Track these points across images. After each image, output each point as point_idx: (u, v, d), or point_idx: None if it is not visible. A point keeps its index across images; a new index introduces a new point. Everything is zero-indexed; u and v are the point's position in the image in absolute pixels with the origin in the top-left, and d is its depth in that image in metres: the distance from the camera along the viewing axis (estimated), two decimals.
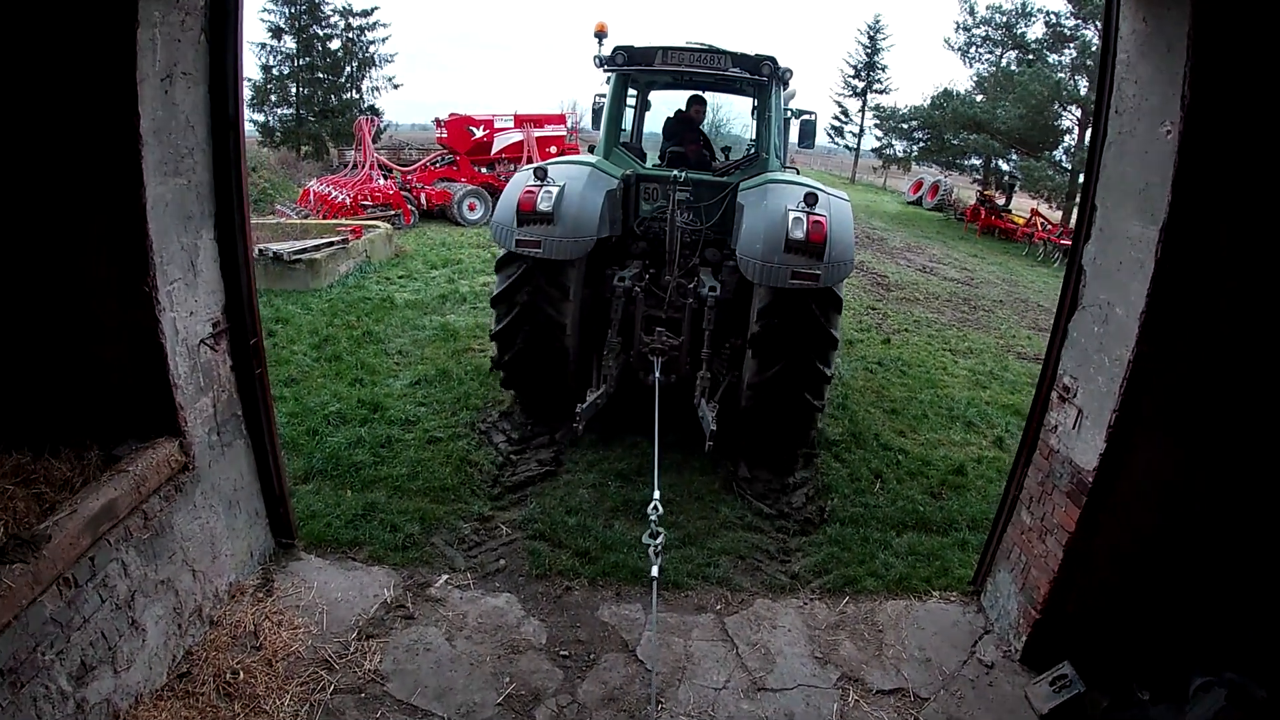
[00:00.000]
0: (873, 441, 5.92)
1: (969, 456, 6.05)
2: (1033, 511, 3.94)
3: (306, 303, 8.76)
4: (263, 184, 19.07)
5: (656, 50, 5.79)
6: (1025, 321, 11.50)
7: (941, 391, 7.35)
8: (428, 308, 8.63)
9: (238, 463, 4.08)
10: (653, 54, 5.78)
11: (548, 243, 5.05)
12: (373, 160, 15.48)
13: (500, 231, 5.24)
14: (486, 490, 4.91)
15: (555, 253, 5.07)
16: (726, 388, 5.49)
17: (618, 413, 5.65)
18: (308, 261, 9.30)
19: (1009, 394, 7.74)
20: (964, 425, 6.69)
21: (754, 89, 6.23)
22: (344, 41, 29.85)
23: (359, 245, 10.32)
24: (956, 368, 8.26)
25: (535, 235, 5.06)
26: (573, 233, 5.09)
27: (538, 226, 5.06)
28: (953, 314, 10.99)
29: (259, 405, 4.10)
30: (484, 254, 11.90)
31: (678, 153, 6.20)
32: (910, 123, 24.88)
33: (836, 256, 4.85)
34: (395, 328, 7.81)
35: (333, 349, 7.14)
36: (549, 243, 5.05)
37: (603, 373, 5.35)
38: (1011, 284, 14.87)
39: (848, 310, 10.10)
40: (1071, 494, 3.60)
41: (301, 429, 5.55)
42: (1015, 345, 9.83)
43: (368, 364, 6.75)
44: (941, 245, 18.93)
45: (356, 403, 5.97)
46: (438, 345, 7.27)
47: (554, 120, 18.85)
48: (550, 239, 5.05)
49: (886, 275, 12.98)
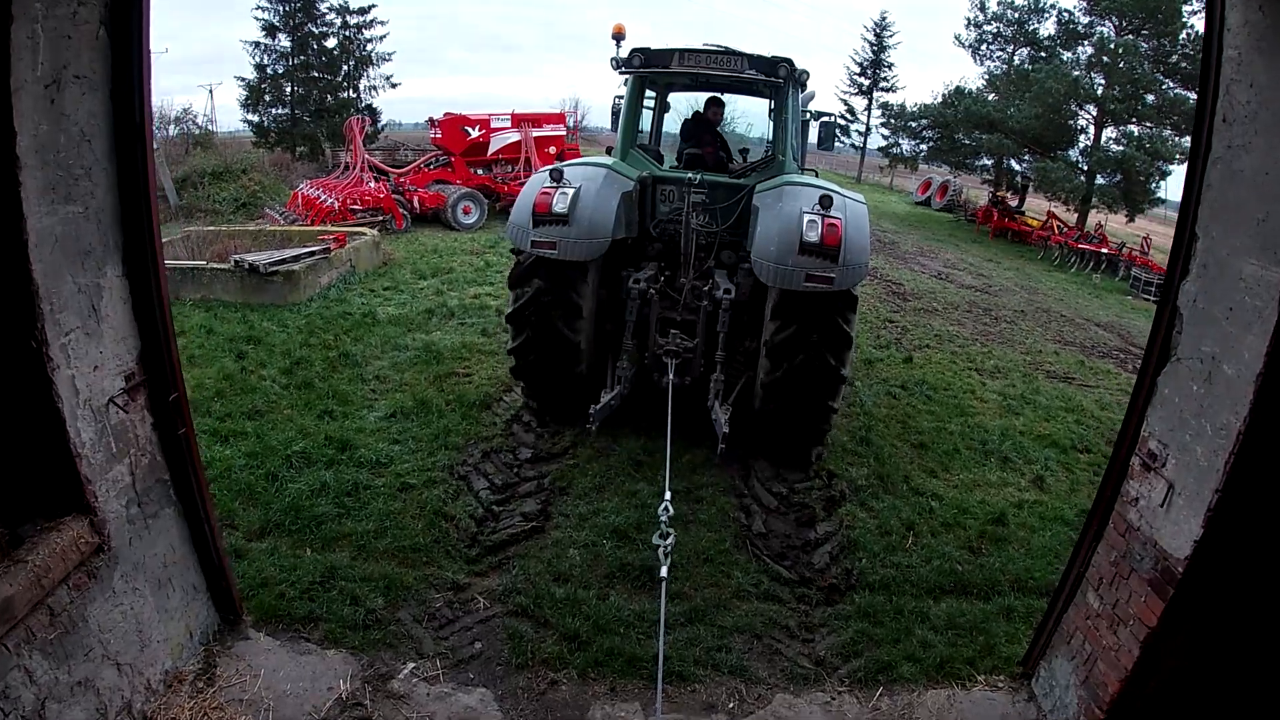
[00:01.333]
0: (902, 485, 5.29)
1: (1008, 500, 5.43)
2: (1102, 595, 3.32)
3: (283, 318, 8.16)
4: (253, 187, 18.50)
5: (673, 52, 5.72)
6: (1050, 334, 10.86)
7: (972, 420, 6.72)
8: (412, 324, 8.01)
9: (167, 534, 3.48)
10: (669, 56, 5.72)
11: (563, 243, 5.09)
12: (363, 162, 14.85)
13: (516, 232, 5.32)
14: (463, 551, 4.29)
15: (570, 253, 5.12)
16: (740, 390, 5.44)
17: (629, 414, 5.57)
18: (285, 273, 8.69)
19: (1043, 421, 7.11)
20: (999, 461, 6.06)
21: (770, 91, 6.12)
22: (341, 40, 29.24)
23: (342, 254, 9.72)
24: (985, 390, 7.62)
25: (551, 236, 5.10)
26: (588, 234, 5.12)
27: (553, 227, 5.10)
28: (974, 326, 10.35)
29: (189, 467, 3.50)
30: (477, 262, 11.30)
31: (694, 154, 6.18)
32: (920, 121, 24.14)
33: (852, 260, 4.81)
34: (375, 348, 7.20)
35: (305, 373, 6.54)
36: (564, 243, 5.09)
37: (617, 374, 5.37)
38: (1030, 291, 14.22)
39: (866, 324, 9.49)
40: (1154, 583, 2.97)
41: (260, 472, 4.95)
42: (1043, 362, 9.19)
43: (340, 392, 6.14)
44: (954, 249, 18.27)
45: (324, 440, 5.36)
46: (419, 369, 6.66)
47: (553, 120, 18.18)
48: (565, 240, 5.09)
49: (902, 283, 12.33)
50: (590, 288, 5.35)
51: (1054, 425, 7.03)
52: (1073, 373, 9.04)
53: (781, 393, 5.11)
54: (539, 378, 5.64)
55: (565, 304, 5.32)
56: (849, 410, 6.39)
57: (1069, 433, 6.93)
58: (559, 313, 5.33)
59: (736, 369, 5.49)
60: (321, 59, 28.79)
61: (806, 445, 5.46)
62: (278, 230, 11.07)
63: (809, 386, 5.06)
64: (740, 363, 5.52)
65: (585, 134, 47.85)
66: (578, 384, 5.54)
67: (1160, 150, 19.53)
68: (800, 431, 5.33)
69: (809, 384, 5.05)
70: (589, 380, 5.52)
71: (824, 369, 4.99)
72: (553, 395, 5.75)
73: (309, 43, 28.20)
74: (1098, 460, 6.42)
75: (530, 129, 16.93)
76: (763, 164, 6.13)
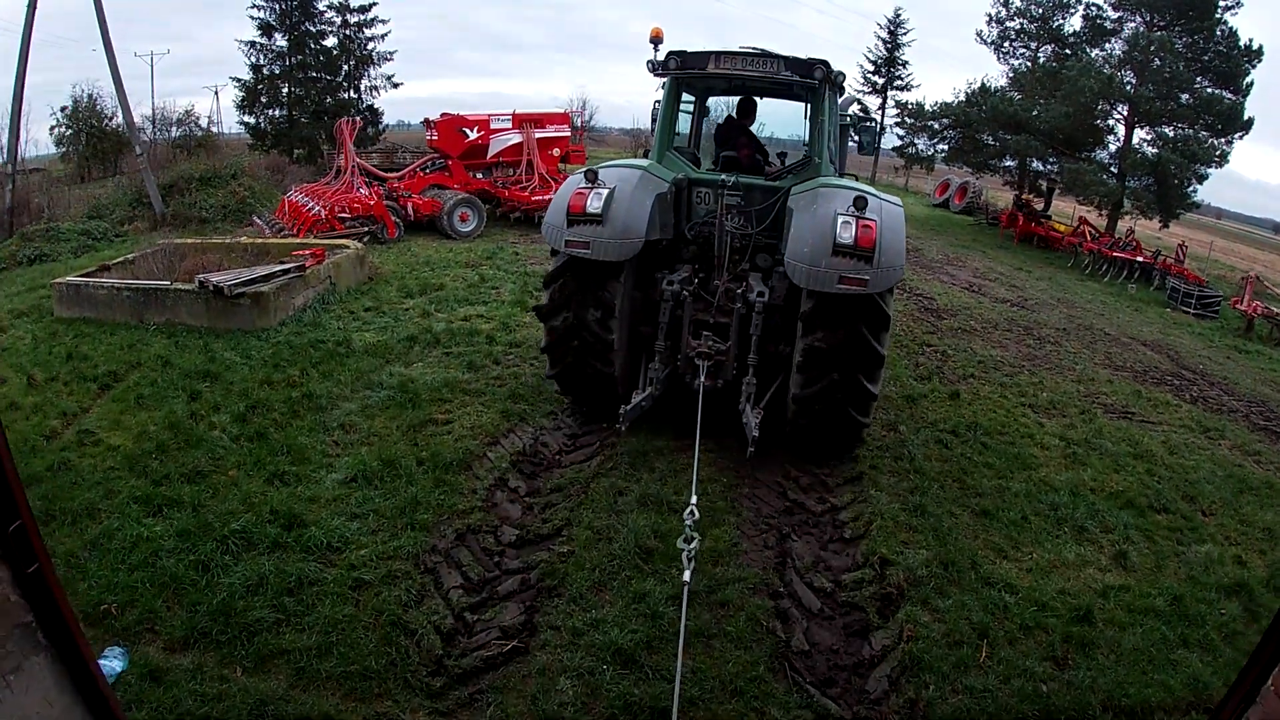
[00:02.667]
0: (969, 573, 4.33)
1: (1090, 587, 4.49)
2: None
3: (248, 348, 7.27)
4: (242, 193, 17.62)
5: (709, 55, 5.70)
6: (1099, 358, 9.86)
7: (1036, 475, 5.76)
8: (391, 354, 7.10)
9: (40, 686, 2.58)
10: (705, 59, 5.70)
11: (596, 243, 5.12)
12: (354, 166, 13.95)
13: (551, 232, 5.37)
14: (424, 681, 3.36)
15: (603, 253, 5.14)
16: (773, 393, 5.42)
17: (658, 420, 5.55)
18: (253, 296, 7.80)
19: (1113, 472, 6.15)
20: (1074, 531, 5.11)
21: (806, 93, 6.08)
22: (341, 39, 28.43)
23: (320, 271, 8.81)
24: (1043, 433, 6.65)
25: (584, 236, 5.14)
26: (621, 234, 5.14)
27: (587, 227, 5.14)
28: (1016, 349, 9.37)
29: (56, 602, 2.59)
30: (471, 276, 10.39)
31: (730, 157, 6.16)
32: (941, 120, 23.07)
33: (886, 262, 4.78)
34: (344, 385, 6.29)
35: (261, 421, 5.64)
36: (597, 244, 5.12)
37: (649, 375, 5.39)
38: (1068, 305, 13.21)
39: (902, 348, 8.55)
40: None
41: (192, 559, 4.06)
42: (1098, 393, 8.21)
43: (297, 447, 5.24)
44: (981, 256, 17.25)
45: (269, 514, 4.45)
46: (391, 415, 5.74)
47: (557, 120, 17.16)
48: (599, 240, 5.12)
49: (934, 297, 11.36)
50: (623, 288, 5.34)
51: (1125, 478, 6.08)
52: (1131, 406, 8.08)
53: (814, 398, 5.07)
54: (573, 378, 5.65)
55: (598, 304, 5.32)
56: (897, 467, 5.45)
57: (1143, 488, 5.98)
58: (592, 313, 5.33)
59: (769, 372, 5.43)
60: (320, 59, 27.98)
61: (840, 450, 5.52)
62: (254, 243, 10.18)
63: (839, 407, 5.03)
64: (773, 366, 5.45)
65: (593, 134, 47.08)
66: (610, 384, 5.54)
67: (1197, 152, 18.44)
68: (833, 436, 5.34)
69: (839, 405, 5.02)
70: (621, 381, 5.52)
71: (856, 376, 4.95)
72: (586, 395, 5.78)
73: (306, 42, 27.38)
74: (1178, 523, 5.53)
75: (533, 130, 15.98)
76: (798, 166, 6.04)
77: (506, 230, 14.83)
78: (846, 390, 4.99)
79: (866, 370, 4.96)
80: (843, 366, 4.94)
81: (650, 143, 6.56)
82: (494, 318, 8.33)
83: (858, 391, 4.99)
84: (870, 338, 4.87)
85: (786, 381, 5.26)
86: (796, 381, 5.06)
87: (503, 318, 8.29)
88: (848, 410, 5.08)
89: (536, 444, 5.42)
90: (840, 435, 5.32)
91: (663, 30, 5.70)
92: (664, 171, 5.76)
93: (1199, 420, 8.09)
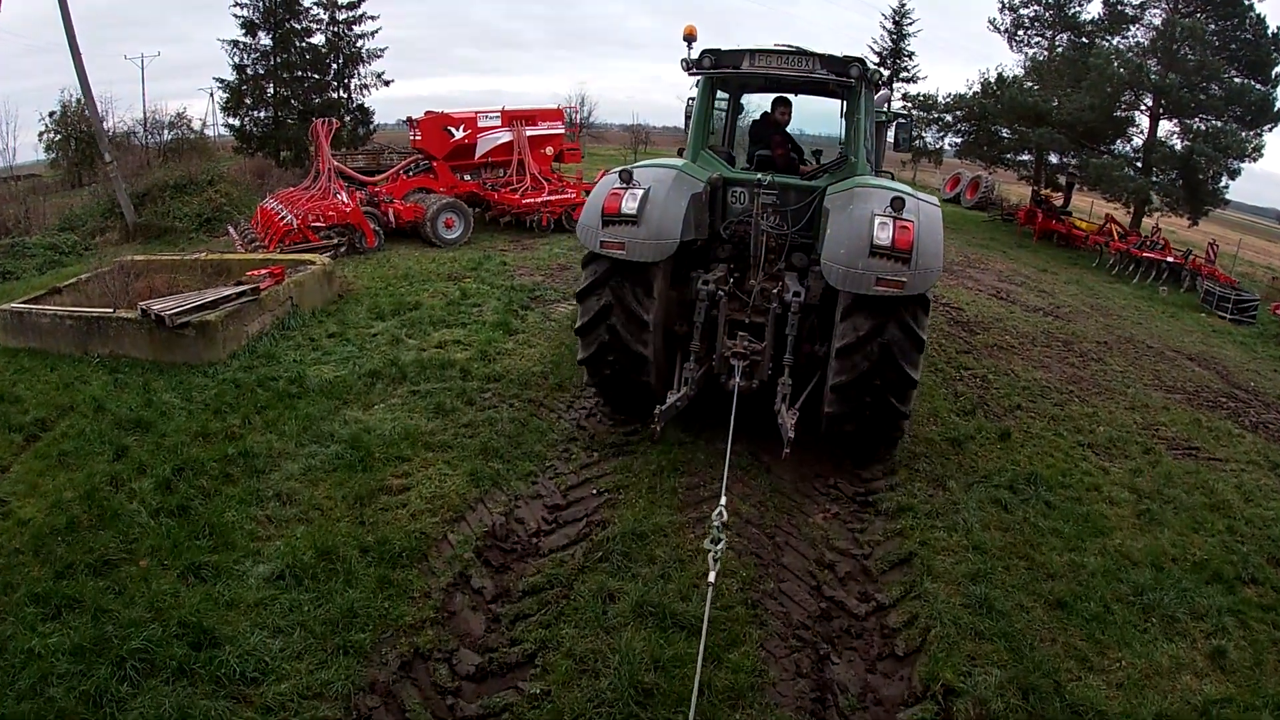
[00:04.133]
0: (1053, 700, 3.38)
1: (1189, 702, 3.59)
2: None
3: (190, 387, 6.35)
4: (219, 200, 16.68)
5: (744, 53, 5.62)
6: (1146, 376, 8.88)
7: (1110, 544, 4.81)
8: (349, 394, 6.15)
9: None
10: (740, 56, 5.63)
11: (631, 244, 5.10)
12: (331, 170, 12.99)
13: (586, 233, 5.34)
14: None
15: (638, 254, 5.12)
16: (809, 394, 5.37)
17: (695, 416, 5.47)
18: (198, 325, 6.86)
19: (1192, 533, 5.23)
20: (1163, 623, 4.17)
21: (843, 91, 5.98)
22: (329, 36, 27.42)
23: (279, 292, 7.86)
24: (1109, 482, 5.69)
25: (619, 237, 5.12)
26: (656, 235, 5.13)
27: (622, 228, 5.13)
28: (1060, 370, 8.39)
29: None
30: (452, 291, 9.42)
31: (765, 156, 6.12)
32: (954, 113, 21.96)
33: (924, 264, 4.72)
34: (289, 438, 5.35)
35: (187, 488, 4.71)
36: (633, 244, 5.10)
37: (684, 375, 5.32)
38: (1103, 313, 12.21)
39: (938, 371, 7.63)
40: None
41: (81, 689, 3.18)
42: (1157, 424, 7.24)
43: (223, 527, 4.31)
44: (1002, 256, 16.22)
45: (178, 626, 3.54)
46: (338, 480, 4.78)
47: (549, 116, 16.03)
48: (634, 240, 5.10)
49: (962, 307, 10.36)
50: (659, 289, 5.31)
51: (1206, 541, 5.15)
52: (1194, 439, 7.12)
53: (851, 400, 5.01)
54: (606, 376, 5.58)
55: (633, 304, 5.26)
56: (951, 543, 4.49)
57: (1226, 553, 5.05)
58: (626, 312, 5.27)
59: (804, 373, 5.39)
60: (306, 57, 26.97)
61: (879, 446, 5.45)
62: (214, 260, 9.24)
63: (879, 396, 4.95)
64: (808, 367, 5.43)
65: (593, 131, 45.85)
66: (645, 383, 5.50)
67: (1229, 145, 17.35)
68: (872, 430, 5.25)
69: (879, 393, 4.94)
70: (656, 380, 5.48)
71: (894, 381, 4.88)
72: (620, 394, 5.74)
73: (292, 40, 26.36)
74: (1270, 599, 4.64)
75: (523, 127, 14.95)
76: (834, 165, 5.95)
77: (495, 236, 13.86)
78: (886, 377, 4.88)
79: (907, 355, 4.85)
80: (883, 351, 4.84)
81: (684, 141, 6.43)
82: (472, 344, 7.38)
83: (898, 378, 4.88)
84: (911, 321, 4.80)
85: (822, 381, 5.24)
86: (835, 369, 4.98)
87: (482, 344, 7.33)
88: (888, 399, 4.96)
89: (509, 520, 4.47)
90: (879, 428, 5.22)
91: (695, 28, 5.55)
92: (699, 171, 5.69)
93: (1265, 453, 7.15)
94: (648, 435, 5.31)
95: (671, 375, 5.54)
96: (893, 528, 4.62)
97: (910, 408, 5.17)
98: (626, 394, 5.71)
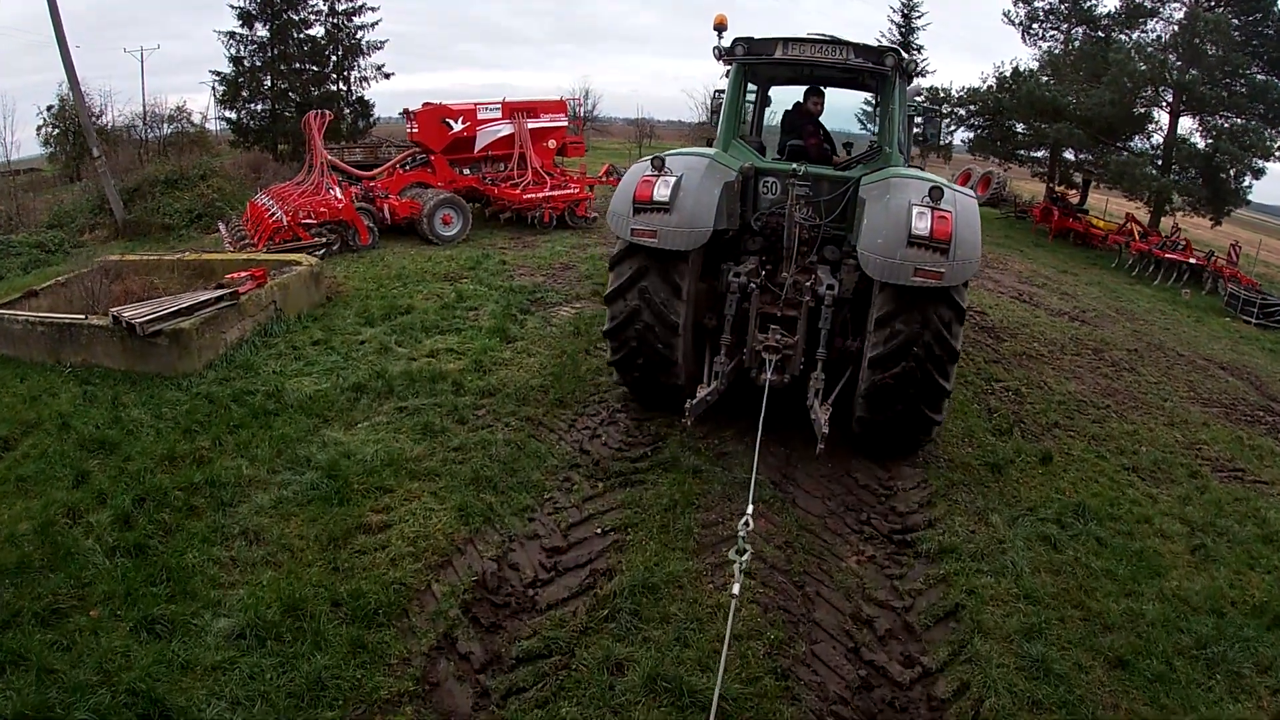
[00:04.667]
0: None
1: None
2: None
3: (161, 402, 5.89)
4: (210, 195, 16.17)
5: (777, 42, 5.57)
6: (1181, 388, 8.36)
7: (1168, 586, 4.33)
8: (330, 411, 5.67)
9: None
10: (773, 45, 5.58)
11: (663, 232, 5.01)
12: (323, 164, 12.47)
13: (617, 220, 5.27)
14: None
15: (671, 243, 5.03)
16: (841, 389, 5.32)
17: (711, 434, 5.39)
18: (171, 334, 6.39)
19: (1247, 568, 4.79)
20: (1228, 680, 3.72)
21: (877, 81, 5.91)
22: (328, 28, 26.88)
23: (261, 296, 7.38)
24: (1158, 512, 5.20)
25: (651, 225, 5.04)
26: (689, 223, 5.04)
27: (654, 216, 5.05)
28: (1093, 380, 7.88)
29: None
30: (448, 293, 8.93)
31: (797, 146, 6.05)
32: (968, 107, 21.33)
33: (962, 255, 4.67)
34: (262, 463, 4.87)
35: (146, 525, 4.24)
36: (665, 232, 5.01)
37: (714, 369, 5.21)
38: (1129, 317, 11.68)
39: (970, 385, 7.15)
40: None
41: None
42: (1199, 444, 6.73)
43: (182, 571, 3.84)
44: (1019, 256, 15.67)
45: (127, 693, 3.09)
46: (311, 514, 4.29)
47: (552, 108, 15.45)
48: (666, 229, 5.02)
49: (986, 311, 9.84)
50: (688, 290, 5.24)
51: (1262, 580, 4.68)
52: (1238, 460, 6.62)
53: (885, 394, 4.94)
54: (636, 371, 5.50)
55: (663, 309, 5.19)
56: (1000, 590, 4.01)
57: None
58: (656, 304, 5.18)
59: (836, 368, 5.31)
60: (305, 49, 26.43)
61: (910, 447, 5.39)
62: (197, 260, 8.76)
63: (914, 387, 4.87)
64: (840, 361, 5.36)
65: (597, 124, 45.11)
66: (674, 376, 5.42)
67: (1254, 144, 16.74)
68: (904, 433, 5.20)
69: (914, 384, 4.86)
70: (686, 380, 5.41)
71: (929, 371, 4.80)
72: (649, 389, 5.66)
73: (290, 31, 25.83)
74: None
75: (525, 120, 14.41)
76: (868, 156, 5.89)
77: (495, 233, 13.36)
78: (919, 385, 4.84)
79: (939, 365, 4.82)
80: (916, 361, 4.78)
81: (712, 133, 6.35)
82: (466, 353, 6.89)
83: (930, 387, 4.85)
84: (944, 330, 4.73)
85: (855, 376, 5.19)
86: (867, 377, 4.94)
87: (476, 353, 6.84)
88: (920, 407, 4.93)
89: (502, 565, 3.98)
90: (911, 432, 5.19)
91: (726, 17, 5.46)
92: (730, 160, 5.59)
93: None
94: (657, 462, 4.88)
95: (701, 370, 5.43)
96: (935, 573, 4.13)
97: (943, 415, 5.12)
98: (655, 392, 5.65)
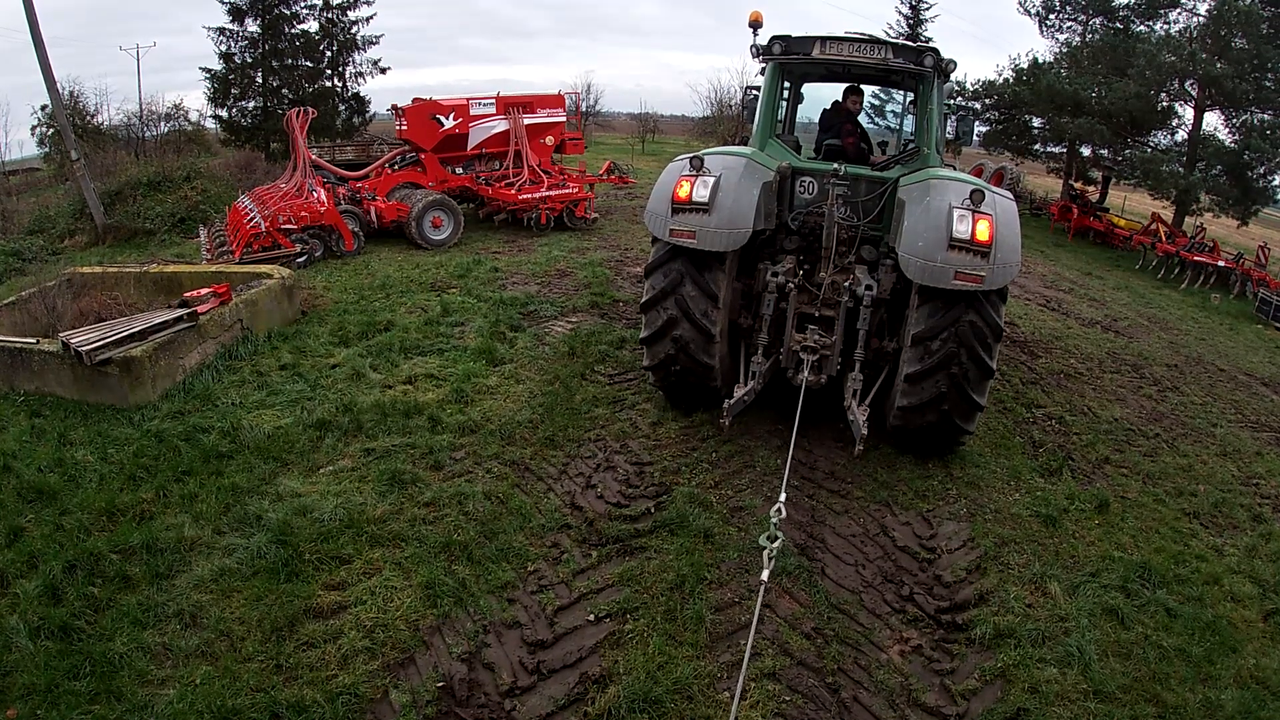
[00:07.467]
0: None
1: None
2: None
3: (109, 441, 5.28)
4: (194, 197, 15.52)
5: (814, 40, 5.54)
6: (1227, 410, 7.68)
7: (1244, 667, 3.70)
8: (291, 451, 5.04)
9: None
10: (810, 44, 5.54)
11: (702, 233, 5.00)
12: (306, 165, 11.82)
13: (654, 220, 5.24)
14: None
15: (710, 243, 5.01)
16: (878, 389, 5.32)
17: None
18: (122, 361, 5.77)
19: None
20: None
21: (915, 81, 5.82)
22: (321, 23, 26.20)
23: (225, 315, 6.75)
24: (1225, 569, 4.54)
25: (690, 225, 5.03)
26: (728, 223, 5.01)
27: (693, 215, 5.03)
28: (1137, 404, 7.21)
29: None
30: (433, 305, 8.30)
31: (835, 146, 6.04)
32: (983, 100, 20.56)
33: (1003, 259, 4.66)
34: (208, 521, 4.25)
35: (74, 601, 3.63)
36: (704, 233, 5.00)
37: (751, 369, 5.23)
38: (1161, 326, 10.99)
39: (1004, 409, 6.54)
40: None
41: None
42: (1256, 479, 6.05)
43: (109, 663, 3.24)
44: (1040, 257, 14.96)
45: None
46: (255, 592, 3.66)
47: (549, 103, 14.66)
48: (705, 229, 5.00)
49: (1015, 321, 9.18)
50: (725, 296, 5.24)
51: None
52: None
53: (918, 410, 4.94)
54: (671, 372, 5.44)
55: (699, 317, 5.17)
56: (1064, 684, 3.36)
57: None
58: (693, 304, 5.16)
59: (873, 368, 5.32)
60: (298, 44, 25.77)
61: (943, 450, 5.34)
62: (164, 273, 8.13)
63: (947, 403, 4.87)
64: (876, 362, 5.36)
65: (598, 119, 44.24)
66: (711, 380, 5.40)
67: None
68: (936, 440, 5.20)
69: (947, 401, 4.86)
70: (723, 383, 5.39)
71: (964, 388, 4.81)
72: (684, 389, 5.61)
73: (282, 26, 25.15)
74: None
75: (521, 115, 13.71)
76: (906, 157, 5.85)
77: (489, 236, 12.71)
78: (953, 402, 4.87)
79: (975, 383, 4.84)
80: (951, 380, 4.80)
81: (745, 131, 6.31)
82: (447, 379, 6.25)
83: (964, 403, 4.89)
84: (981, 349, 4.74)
85: (891, 378, 5.20)
86: (901, 391, 4.97)
87: (459, 379, 6.19)
88: (953, 420, 4.96)
89: (474, 665, 3.33)
90: (943, 441, 5.22)
91: (762, 14, 5.46)
92: (767, 159, 5.57)
93: None
94: (661, 521, 4.28)
95: (736, 370, 5.45)
96: (991, 667, 3.48)
97: (974, 426, 5.11)
98: (691, 395, 5.64)
